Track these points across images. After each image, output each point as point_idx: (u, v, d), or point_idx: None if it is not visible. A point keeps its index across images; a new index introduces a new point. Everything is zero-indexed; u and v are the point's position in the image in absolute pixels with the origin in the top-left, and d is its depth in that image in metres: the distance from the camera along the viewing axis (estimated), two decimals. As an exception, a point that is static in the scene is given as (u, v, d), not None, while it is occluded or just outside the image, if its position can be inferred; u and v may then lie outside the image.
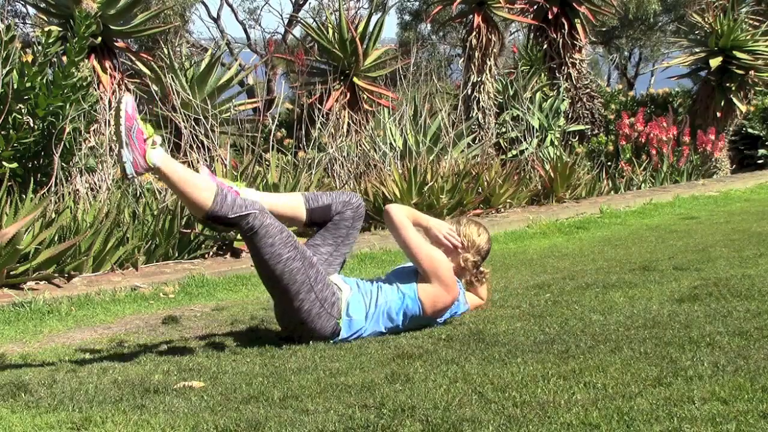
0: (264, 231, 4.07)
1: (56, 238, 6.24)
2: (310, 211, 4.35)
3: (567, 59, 13.17)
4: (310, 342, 4.16)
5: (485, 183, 9.08)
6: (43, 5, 10.24)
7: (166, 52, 10.24)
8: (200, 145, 8.33)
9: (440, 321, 4.45)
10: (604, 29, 25.92)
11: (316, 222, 4.38)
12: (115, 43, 10.11)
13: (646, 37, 29.51)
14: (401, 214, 4.43)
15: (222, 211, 4.02)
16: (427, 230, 4.55)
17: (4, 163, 7.20)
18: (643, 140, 11.92)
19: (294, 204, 4.36)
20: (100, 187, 7.67)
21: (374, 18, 12.61)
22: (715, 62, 13.03)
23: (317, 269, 4.18)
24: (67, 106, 7.39)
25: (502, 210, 9.15)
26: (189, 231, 6.89)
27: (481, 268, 4.65)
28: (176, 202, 7.17)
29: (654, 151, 11.75)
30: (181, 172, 4.01)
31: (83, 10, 8.07)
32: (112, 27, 9.79)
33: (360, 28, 11.80)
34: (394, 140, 9.65)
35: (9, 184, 6.80)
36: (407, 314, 4.32)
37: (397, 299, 4.30)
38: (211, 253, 6.89)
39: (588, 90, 13.42)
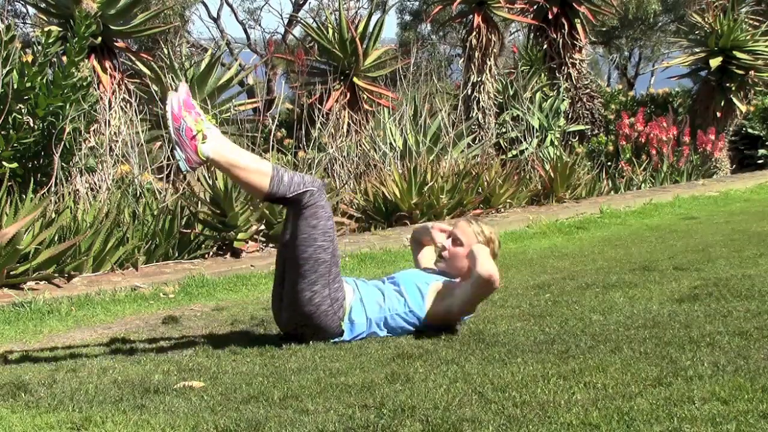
0: (313, 211, 4.08)
1: (56, 238, 6.24)
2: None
3: (567, 59, 13.18)
4: (310, 342, 4.15)
5: (485, 183, 9.08)
6: (43, 5, 10.23)
7: (166, 52, 10.24)
8: (200, 145, 8.32)
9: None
10: (604, 29, 25.91)
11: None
12: (115, 43, 10.11)
13: (646, 37, 29.51)
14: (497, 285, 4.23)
15: (280, 192, 4.06)
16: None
17: (4, 163, 7.20)
18: (643, 140, 11.92)
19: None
20: (100, 187, 7.67)
21: (374, 18, 12.63)
22: (715, 62, 13.03)
23: (339, 270, 4.19)
24: (67, 106, 7.38)
25: (502, 210, 9.15)
26: (189, 231, 6.89)
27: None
28: (176, 202, 7.18)
29: (654, 151, 11.75)
30: (234, 159, 4.02)
31: (83, 10, 8.07)
32: (112, 27, 9.78)
33: (360, 28, 11.80)
34: (394, 140, 9.65)
35: (9, 184, 6.80)
36: (410, 325, 4.29)
37: (403, 313, 4.26)
38: (211, 253, 6.89)
39: (588, 90, 13.42)
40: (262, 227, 7.17)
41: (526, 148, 10.97)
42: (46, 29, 7.79)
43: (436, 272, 4.44)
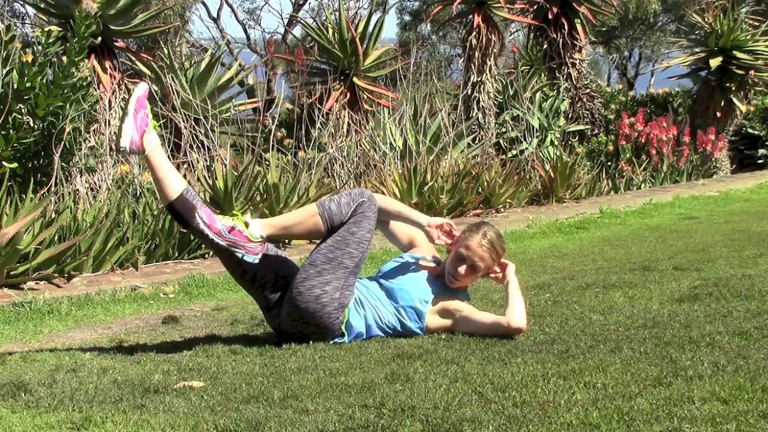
0: (359, 218, 4.11)
1: (56, 238, 6.24)
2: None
3: (567, 59, 13.18)
4: (310, 342, 4.15)
5: (485, 183, 9.08)
6: (43, 5, 10.23)
7: (166, 52, 10.24)
8: (200, 145, 8.33)
9: None
10: (604, 29, 25.92)
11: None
12: (115, 43, 10.10)
13: (646, 37, 29.51)
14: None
15: (337, 221, 4.10)
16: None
17: (4, 163, 7.20)
18: (643, 140, 11.92)
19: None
20: (100, 187, 7.67)
21: (374, 18, 12.63)
22: (715, 62, 13.03)
23: (354, 280, 4.18)
24: (67, 106, 7.38)
25: (502, 210, 9.15)
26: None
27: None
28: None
29: (654, 151, 11.75)
30: (283, 222, 4.19)
31: (83, 10, 8.07)
32: (112, 27, 9.78)
33: (360, 28, 11.80)
34: (394, 140, 9.66)
35: (9, 184, 6.80)
36: (407, 331, 4.27)
37: (399, 324, 4.22)
38: (211, 253, 6.89)
39: (588, 90, 13.42)
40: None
41: (526, 148, 10.97)
42: (46, 29, 7.80)
43: (436, 282, 4.30)
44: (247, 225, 4.10)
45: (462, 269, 4.21)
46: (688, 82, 16.97)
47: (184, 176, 7.87)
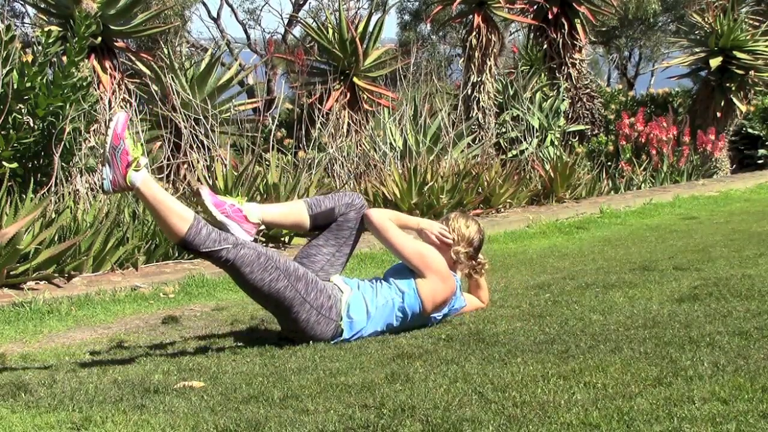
0: (240, 262, 4.11)
1: (56, 238, 6.24)
2: (313, 217, 4.42)
3: (567, 59, 13.18)
4: (310, 342, 4.16)
5: (485, 183, 9.08)
6: (43, 5, 10.23)
7: (166, 52, 10.24)
8: (200, 145, 8.33)
9: (439, 318, 4.45)
10: (604, 29, 25.90)
11: (319, 226, 4.44)
12: (115, 43, 10.10)
13: (646, 37, 29.51)
14: (382, 216, 4.48)
15: (195, 243, 4.07)
16: (419, 232, 4.60)
17: (4, 163, 7.20)
18: (643, 140, 11.92)
19: (296, 211, 4.44)
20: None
21: (374, 18, 12.62)
22: (715, 62, 13.03)
23: (306, 280, 4.18)
24: (67, 106, 7.38)
25: (502, 210, 9.15)
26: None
27: (479, 259, 4.66)
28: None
29: (654, 151, 11.75)
30: (160, 196, 4.06)
31: (83, 10, 8.07)
32: (112, 27, 9.78)
33: (360, 28, 11.80)
34: (394, 140, 9.66)
35: (9, 184, 6.80)
36: (407, 312, 4.32)
37: (397, 297, 4.32)
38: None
39: (588, 90, 13.42)
40: (262, 227, 7.16)
41: (526, 148, 10.97)
42: (46, 29, 7.79)
43: None
44: (138, 167, 4.03)
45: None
46: (688, 82, 16.98)
47: (184, 177, 7.88)
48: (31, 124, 7.31)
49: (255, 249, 4.15)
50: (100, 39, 9.57)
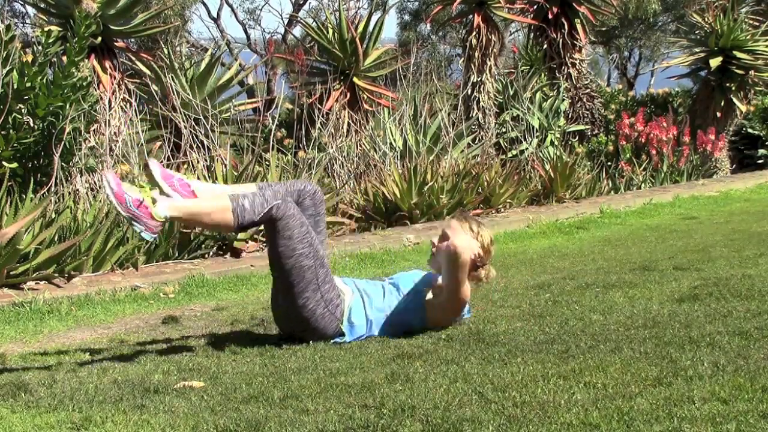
0: (284, 223, 4.08)
1: (56, 238, 6.24)
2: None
3: (567, 59, 13.17)
4: (310, 342, 4.16)
5: (485, 183, 9.08)
6: (43, 5, 10.23)
7: (166, 52, 10.24)
8: (200, 145, 8.33)
9: None
10: (604, 29, 25.91)
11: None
12: (115, 43, 10.10)
13: (646, 37, 29.52)
14: (467, 252, 4.22)
15: (247, 221, 4.07)
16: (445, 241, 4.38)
17: (4, 163, 7.20)
18: (643, 140, 11.92)
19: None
20: (100, 187, 7.67)
21: (374, 18, 12.62)
22: (715, 62, 13.03)
23: (327, 269, 4.19)
24: (67, 106, 7.38)
25: (502, 210, 9.15)
26: (189, 231, 6.89)
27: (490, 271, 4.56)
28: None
29: (654, 151, 11.75)
30: (191, 208, 4.03)
31: (83, 10, 8.06)
32: (112, 27, 9.78)
33: (360, 28, 11.80)
34: (394, 140, 9.65)
35: (9, 184, 6.79)
36: (408, 324, 4.29)
37: (402, 310, 4.27)
38: (211, 253, 6.89)
39: (588, 90, 13.42)
40: (262, 227, 7.17)
41: (526, 148, 10.96)
42: (46, 29, 7.78)
43: (429, 272, 4.48)
44: (154, 201, 3.96)
45: (435, 239, 4.42)
46: (688, 82, 16.97)
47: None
48: (31, 124, 7.31)
49: (300, 215, 4.14)
50: (100, 39, 9.57)
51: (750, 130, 13.63)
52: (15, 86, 7.20)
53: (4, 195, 6.27)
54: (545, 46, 13.36)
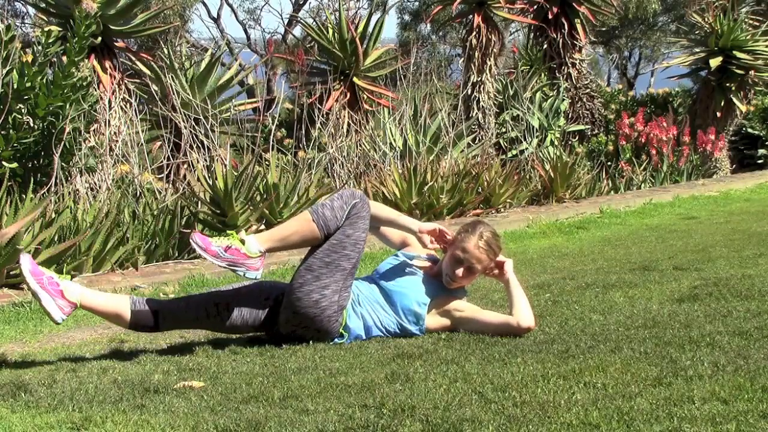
0: (354, 220, 4.10)
1: (56, 238, 6.24)
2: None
3: (567, 59, 13.18)
4: (310, 342, 4.15)
5: (485, 183, 9.08)
6: (43, 5, 10.23)
7: (166, 52, 10.24)
8: (200, 145, 8.33)
9: None
10: (604, 29, 25.92)
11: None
12: (115, 43, 10.10)
13: (646, 37, 29.54)
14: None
15: (331, 226, 4.09)
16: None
17: (4, 163, 7.20)
18: (643, 140, 11.92)
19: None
20: (100, 187, 7.67)
21: (374, 18, 12.63)
22: (715, 62, 13.03)
23: (351, 282, 4.17)
24: (67, 106, 7.38)
25: (502, 210, 9.15)
26: (189, 231, 6.89)
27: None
28: (176, 202, 7.17)
29: (654, 151, 11.75)
30: (280, 233, 4.18)
31: (83, 10, 8.06)
32: (112, 27, 9.77)
33: (360, 28, 11.80)
34: (394, 140, 9.66)
35: (9, 184, 6.79)
36: (405, 333, 4.26)
37: (396, 325, 4.22)
38: (211, 253, 6.88)
39: (588, 90, 13.43)
40: (262, 227, 7.17)
41: (526, 148, 10.97)
42: (46, 29, 7.79)
43: (433, 282, 4.29)
44: (243, 242, 4.06)
45: (459, 272, 4.21)
46: (688, 82, 16.99)
47: (184, 177, 7.87)
48: (31, 124, 7.31)
49: (368, 223, 4.17)
50: (100, 39, 9.57)
51: (750, 130, 13.64)
52: (15, 86, 7.20)
53: (4, 195, 6.27)
54: (545, 46, 13.37)
